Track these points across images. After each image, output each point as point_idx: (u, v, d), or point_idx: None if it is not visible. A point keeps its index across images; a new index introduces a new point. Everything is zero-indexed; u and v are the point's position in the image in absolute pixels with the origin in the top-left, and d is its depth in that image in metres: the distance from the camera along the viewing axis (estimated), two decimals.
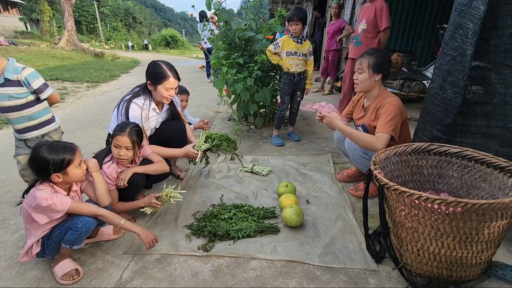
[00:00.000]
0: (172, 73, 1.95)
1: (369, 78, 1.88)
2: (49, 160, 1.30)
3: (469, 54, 1.52)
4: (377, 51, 1.91)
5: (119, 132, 1.68)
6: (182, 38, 40.84)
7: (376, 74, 1.87)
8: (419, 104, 4.90)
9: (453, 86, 1.59)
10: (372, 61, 1.85)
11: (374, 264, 1.48)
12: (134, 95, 1.99)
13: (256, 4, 3.81)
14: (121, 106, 1.94)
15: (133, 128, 1.73)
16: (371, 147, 1.80)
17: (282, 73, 3.06)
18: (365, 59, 1.88)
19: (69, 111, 4.82)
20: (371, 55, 1.88)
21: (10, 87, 1.54)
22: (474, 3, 1.47)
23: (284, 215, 1.75)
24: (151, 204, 1.70)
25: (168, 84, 1.94)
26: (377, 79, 1.88)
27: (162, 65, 1.97)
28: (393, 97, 1.90)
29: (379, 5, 3.22)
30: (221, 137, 2.16)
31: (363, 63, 1.88)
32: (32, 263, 1.53)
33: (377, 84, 1.90)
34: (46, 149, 1.31)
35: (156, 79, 1.94)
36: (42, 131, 1.69)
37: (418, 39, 6.18)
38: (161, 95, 1.96)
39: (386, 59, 1.88)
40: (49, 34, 23.51)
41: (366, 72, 1.88)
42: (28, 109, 1.62)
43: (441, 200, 1.11)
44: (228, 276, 1.43)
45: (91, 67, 10.36)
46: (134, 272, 1.45)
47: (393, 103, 1.82)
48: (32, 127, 1.65)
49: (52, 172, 1.31)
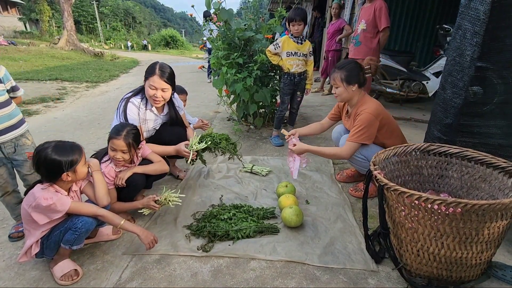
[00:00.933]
0: (160, 72, 1.86)
1: (345, 90, 1.95)
2: (61, 161, 1.31)
3: (468, 54, 1.52)
4: (346, 64, 1.98)
5: (115, 135, 1.68)
6: (181, 38, 40.80)
7: (351, 85, 1.94)
8: (418, 105, 4.92)
9: (452, 87, 1.59)
10: (344, 74, 1.93)
11: (373, 265, 1.48)
12: (133, 94, 1.98)
13: (255, 4, 3.80)
14: (120, 105, 1.94)
15: (130, 130, 1.71)
16: (338, 157, 2.02)
17: (282, 73, 3.06)
18: (337, 74, 1.96)
19: (69, 111, 4.81)
20: (341, 69, 1.95)
21: None
22: (472, 4, 1.48)
23: (283, 215, 1.75)
24: (149, 206, 1.70)
25: (152, 81, 1.86)
26: (353, 89, 1.95)
27: (156, 63, 1.93)
28: (370, 103, 1.95)
29: (378, 5, 3.22)
30: (221, 136, 2.15)
31: (336, 78, 1.96)
32: (31, 264, 1.52)
33: (356, 93, 1.98)
34: (54, 150, 1.32)
35: (145, 74, 1.92)
36: (22, 130, 1.65)
37: (418, 40, 6.18)
38: (147, 93, 1.91)
39: (356, 70, 1.95)
40: (48, 34, 23.49)
41: (341, 86, 1.95)
42: (7, 107, 1.60)
43: (441, 201, 1.11)
44: (227, 276, 1.43)
45: (91, 67, 10.36)
46: (133, 273, 1.45)
47: (367, 111, 1.89)
48: (12, 126, 1.62)
49: (64, 172, 1.33)
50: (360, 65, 2.00)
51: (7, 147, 1.63)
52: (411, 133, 3.48)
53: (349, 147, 1.93)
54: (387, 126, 1.96)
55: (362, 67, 1.99)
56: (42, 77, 7.64)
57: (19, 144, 1.68)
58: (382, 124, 1.92)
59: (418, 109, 4.68)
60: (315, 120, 4.07)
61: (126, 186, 1.75)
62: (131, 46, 34.06)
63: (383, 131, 1.95)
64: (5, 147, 1.63)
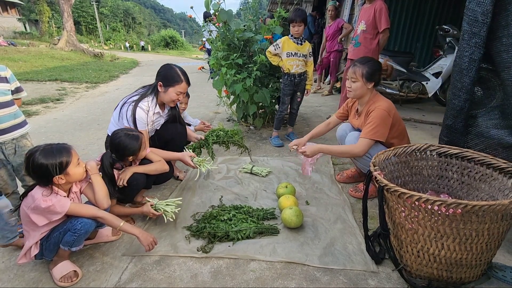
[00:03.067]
0: (184, 78, 2.00)
1: (362, 86, 1.93)
2: (47, 164, 1.28)
3: (466, 55, 1.52)
4: (370, 60, 1.96)
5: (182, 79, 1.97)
6: (181, 39, 40.84)
7: (369, 82, 1.92)
8: (418, 105, 4.92)
9: (452, 88, 1.60)
10: (366, 70, 1.90)
11: (374, 266, 1.48)
12: (141, 97, 1.97)
13: (255, 5, 3.81)
14: (126, 108, 1.92)
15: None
16: (351, 154, 1.94)
17: (282, 74, 3.07)
18: (358, 68, 1.92)
19: (68, 112, 4.81)
20: (364, 64, 1.92)
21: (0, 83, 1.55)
22: (470, 5, 1.48)
23: (283, 216, 1.75)
24: (148, 214, 1.72)
25: (180, 88, 1.98)
26: (369, 87, 1.94)
27: (176, 69, 2.00)
28: (383, 101, 1.94)
29: (378, 6, 3.22)
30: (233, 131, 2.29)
31: (356, 72, 1.93)
32: (30, 265, 1.52)
33: (370, 91, 1.97)
34: (41, 154, 1.29)
35: (169, 82, 1.96)
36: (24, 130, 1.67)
37: (418, 40, 6.19)
38: (170, 98, 1.99)
39: (378, 68, 1.94)
40: (48, 34, 23.47)
41: (359, 81, 1.93)
42: (13, 106, 1.62)
43: (441, 202, 1.11)
44: (227, 277, 1.42)
45: (90, 68, 10.35)
46: (133, 274, 1.45)
47: (381, 108, 1.87)
48: (17, 125, 1.64)
49: (54, 175, 1.31)
50: (380, 64, 1.99)
51: (8, 148, 1.63)
52: (411, 134, 3.45)
53: (363, 143, 1.87)
54: (397, 125, 1.95)
55: (381, 67, 1.98)
56: (41, 78, 7.64)
57: (19, 145, 1.68)
58: (393, 122, 1.90)
59: (418, 110, 4.69)
60: (315, 120, 4.07)
61: (127, 186, 1.75)
62: (130, 47, 34.06)
63: (393, 130, 1.93)
64: (6, 148, 1.63)
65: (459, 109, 1.58)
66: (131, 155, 1.73)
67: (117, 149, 1.70)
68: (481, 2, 1.44)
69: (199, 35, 4.95)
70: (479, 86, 1.57)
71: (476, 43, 1.48)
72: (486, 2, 1.43)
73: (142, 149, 1.76)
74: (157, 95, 2.01)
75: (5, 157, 1.64)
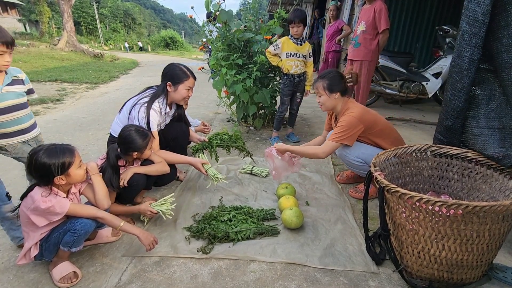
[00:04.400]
0: (190, 73, 2.07)
1: (328, 98, 2.01)
2: (50, 164, 1.29)
3: (466, 56, 1.51)
4: (329, 72, 2.04)
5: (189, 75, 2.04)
6: (181, 39, 40.87)
7: (333, 93, 1.99)
8: (418, 105, 4.92)
9: (452, 88, 1.59)
10: (326, 83, 1.98)
11: (374, 267, 1.47)
12: (152, 98, 1.98)
13: (255, 5, 3.81)
14: (138, 110, 1.92)
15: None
16: (315, 156, 2.01)
17: (281, 74, 3.06)
18: (319, 83, 2.01)
19: (68, 112, 4.80)
20: (324, 77, 2.01)
21: (17, 85, 1.58)
22: (470, 5, 1.47)
23: (283, 217, 1.75)
24: (146, 213, 1.73)
25: (189, 84, 2.04)
26: (336, 97, 2.00)
27: (180, 66, 2.07)
28: (355, 108, 1.98)
29: (378, 6, 3.22)
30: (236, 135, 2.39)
31: (319, 87, 2.02)
32: (30, 266, 1.51)
33: (338, 101, 2.03)
34: (45, 153, 1.29)
35: (178, 79, 2.01)
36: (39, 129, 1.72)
37: (417, 41, 6.19)
38: (181, 95, 2.05)
39: (337, 78, 2.01)
40: (48, 35, 23.46)
41: (324, 94, 2.01)
42: (28, 108, 1.66)
43: (442, 202, 1.11)
44: (227, 278, 1.42)
45: (90, 68, 10.35)
46: (132, 275, 1.44)
47: (350, 115, 1.94)
48: (34, 124, 1.68)
49: (55, 176, 1.31)
50: (341, 73, 2.06)
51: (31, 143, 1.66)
52: (411, 134, 3.48)
53: (327, 146, 1.96)
54: (376, 126, 1.98)
55: (343, 76, 2.05)
56: (41, 78, 7.63)
57: (39, 140, 1.71)
58: (369, 126, 1.95)
59: (418, 110, 4.69)
60: (315, 121, 4.07)
61: (127, 186, 1.75)
62: (129, 47, 34.06)
63: (374, 131, 1.98)
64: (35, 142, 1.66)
65: (459, 110, 1.58)
66: (136, 151, 1.74)
67: (124, 141, 1.72)
68: (481, 2, 1.44)
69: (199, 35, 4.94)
70: (477, 86, 1.57)
71: (476, 43, 1.48)
72: (486, 2, 1.43)
73: (148, 147, 1.78)
74: (166, 95, 2.05)
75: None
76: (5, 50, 1.42)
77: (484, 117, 1.54)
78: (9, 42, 1.41)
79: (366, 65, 3.45)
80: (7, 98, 1.50)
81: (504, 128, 1.47)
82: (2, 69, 1.49)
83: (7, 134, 1.52)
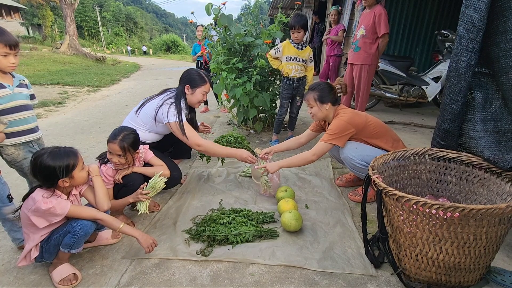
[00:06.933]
0: (207, 78, 2.18)
1: (319, 109, 2.05)
2: (55, 167, 1.31)
3: (463, 60, 1.53)
4: (319, 84, 2.09)
5: (111, 139, 1.70)
6: (182, 43, 41.15)
7: (324, 104, 2.03)
8: (418, 109, 4.94)
9: (449, 92, 1.61)
10: (317, 94, 2.03)
11: (373, 269, 1.48)
12: (177, 98, 2.06)
13: (255, 10, 3.85)
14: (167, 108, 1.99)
15: (127, 135, 1.70)
16: (307, 161, 2.05)
17: (281, 78, 3.09)
18: (310, 95, 2.05)
19: (70, 115, 4.84)
20: (314, 89, 2.06)
21: (24, 88, 1.64)
22: (467, 11, 1.50)
23: (283, 220, 1.75)
24: (138, 197, 1.70)
25: (205, 88, 2.16)
26: (327, 108, 2.05)
27: (199, 72, 2.18)
28: (345, 114, 2.01)
29: (378, 11, 3.25)
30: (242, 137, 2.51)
31: (310, 99, 2.06)
32: (30, 268, 1.52)
33: (330, 111, 2.07)
34: (49, 156, 1.32)
35: (196, 83, 2.12)
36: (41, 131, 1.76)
37: (417, 45, 6.22)
38: (197, 98, 2.16)
39: (327, 89, 2.05)
40: (50, 39, 23.67)
41: (315, 106, 2.05)
42: (33, 110, 1.71)
43: (439, 205, 1.11)
44: (226, 281, 1.43)
45: (92, 72, 10.42)
46: (132, 277, 1.45)
47: (340, 118, 1.99)
48: (37, 126, 1.72)
49: (60, 178, 1.33)
50: (331, 85, 2.10)
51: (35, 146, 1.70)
52: (411, 138, 3.49)
53: (319, 147, 2.00)
54: (369, 127, 2.01)
55: (333, 87, 2.09)
56: (44, 82, 7.69)
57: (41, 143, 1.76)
58: (360, 128, 1.99)
59: (418, 114, 4.70)
60: None
61: (124, 185, 1.76)
62: (131, 51, 34.28)
63: (367, 132, 2.01)
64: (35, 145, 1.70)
65: (456, 114, 1.59)
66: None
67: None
68: (478, 8, 1.46)
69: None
70: (473, 90, 1.59)
71: (473, 48, 1.49)
72: (483, 8, 1.45)
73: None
74: (185, 97, 2.13)
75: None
76: (9, 51, 1.45)
77: (481, 120, 1.56)
78: (11, 44, 1.45)
79: (366, 69, 3.48)
80: (19, 97, 1.57)
81: (500, 131, 1.49)
82: (7, 70, 1.53)
83: (18, 132, 1.58)
